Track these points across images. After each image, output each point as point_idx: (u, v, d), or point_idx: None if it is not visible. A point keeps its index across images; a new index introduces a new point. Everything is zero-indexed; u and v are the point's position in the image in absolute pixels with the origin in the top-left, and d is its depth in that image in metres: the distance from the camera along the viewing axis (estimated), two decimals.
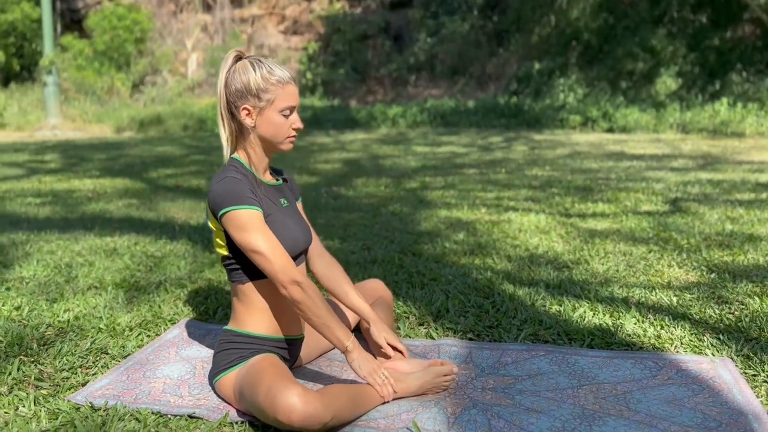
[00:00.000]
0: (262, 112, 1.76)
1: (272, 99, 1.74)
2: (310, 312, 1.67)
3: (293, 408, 1.50)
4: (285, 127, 1.78)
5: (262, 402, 1.57)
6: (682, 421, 1.64)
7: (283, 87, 1.75)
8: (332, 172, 6.88)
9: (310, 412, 1.50)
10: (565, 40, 17.43)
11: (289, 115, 1.78)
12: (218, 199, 1.70)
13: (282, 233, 1.78)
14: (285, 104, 1.76)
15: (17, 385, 1.91)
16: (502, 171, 6.63)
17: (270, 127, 1.77)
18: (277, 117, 1.76)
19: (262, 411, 1.57)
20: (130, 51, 20.14)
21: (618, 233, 3.67)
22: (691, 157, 7.63)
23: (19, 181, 6.54)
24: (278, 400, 1.52)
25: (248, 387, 1.65)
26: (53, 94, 15.67)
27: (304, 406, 1.51)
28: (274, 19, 24.25)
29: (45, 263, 3.24)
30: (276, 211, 1.81)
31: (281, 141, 1.79)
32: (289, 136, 1.79)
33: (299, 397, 1.52)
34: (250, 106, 1.75)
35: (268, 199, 1.81)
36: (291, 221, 1.85)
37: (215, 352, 1.84)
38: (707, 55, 15.15)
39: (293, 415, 1.50)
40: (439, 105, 15.36)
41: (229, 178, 1.72)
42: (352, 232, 3.87)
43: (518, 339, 2.21)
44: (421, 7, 20.76)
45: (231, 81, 1.77)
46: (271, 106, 1.75)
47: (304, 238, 1.88)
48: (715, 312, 2.38)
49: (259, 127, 1.78)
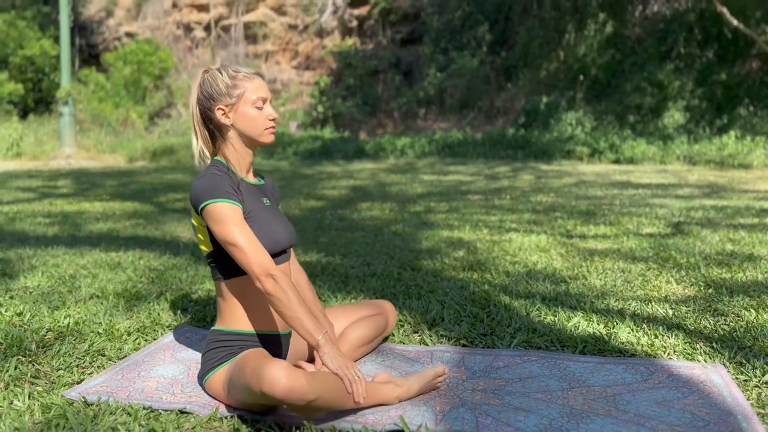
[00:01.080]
0: (236, 107, 1.84)
1: (242, 93, 1.83)
2: (282, 305, 1.70)
3: (278, 379, 1.52)
4: (261, 119, 1.85)
5: (249, 378, 1.59)
6: (670, 421, 1.64)
7: (250, 80, 1.85)
8: (338, 197, 6.94)
9: (293, 385, 1.52)
10: (573, 75, 17.61)
11: (262, 106, 1.85)
12: (199, 193, 1.76)
13: (264, 230, 1.83)
14: (255, 95, 1.84)
15: (13, 382, 1.94)
16: (507, 197, 6.66)
17: (246, 121, 1.84)
18: (250, 110, 1.84)
19: (249, 389, 1.59)
20: (147, 85, 20.58)
21: (618, 252, 3.68)
22: (697, 186, 7.63)
23: (30, 204, 6.64)
24: (264, 373, 1.54)
25: (236, 373, 1.68)
26: (69, 125, 15.96)
27: (288, 378, 1.53)
28: (287, 54, 24.73)
29: (49, 275, 3.28)
30: (258, 209, 1.86)
31: (260, 133, 1.86)
32: (266, 127, 1.86)
33: (284, 369, 1.54)
34: (223, 105, 1.84)
35: (250, 196, 1.86)
36: (273, 219, 1.89)
37: (203, 352, 1.87)
38: (714, 89, 15.24)
39: (277, 386, 1.52)
40: (447, 136, 15.49)
41: (209, 175, 1.79)
42: (353, 249, 3.91)
43: (511, 345, 2.21)
44: (431, 43, 21.11)
45: (202, 91, 1.86)
46: (243, 100, 1.84)
47: (286, 236, 1.92)
48: (709, 323, 2.38)
49: (236, 123, 1.85)
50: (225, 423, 1.67)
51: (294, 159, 15.20)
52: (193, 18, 25.10)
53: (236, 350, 1.81)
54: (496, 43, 20.31)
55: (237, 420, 1.67)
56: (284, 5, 24.55)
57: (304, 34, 24.33)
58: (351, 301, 2.77)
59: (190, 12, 25.20)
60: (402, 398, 1.79)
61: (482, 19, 20.41)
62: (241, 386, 1.64)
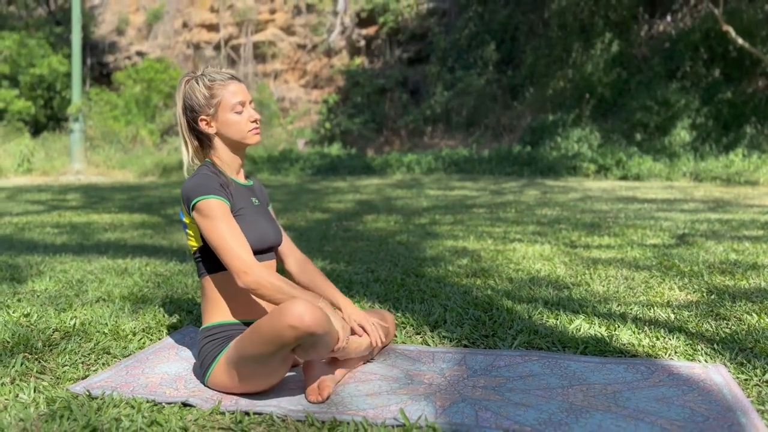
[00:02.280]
0: (216, 117, 1.90)
1: (219, 101, 1.89)
2: (270, 292, 1.75)
3: (304, 311, 1.59)
4: (243, 123, 1.90)
5: (267, 329, 1.64)
6: (669, 416, 1.65)
7: (225, 87, 1.90)
8: (344, 210, 6.98)
9: (319, 312, 1.61)
10: (579, 94, 17.68)
11: (242, 110, 1.90)
12: (190, 191, 1.83)
13: (252, 227, 1.89)
14: (234, 100, 1.89)
15: (19, 377, 1.96)
16: (512, 211, 6.68)
17: (229, 126, 1.90)
18: (231, 116, 1.89)
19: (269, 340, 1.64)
20: (157, 103, 20.81)
21: (621, 261, 3.69)
22: (703, 202, 7.63)
23: (39, 215, 6.71)
24: (285, 312, 1.60)
25: (244, 345, 1.72)
26: (79, 141, 16.13)
27: (313, 308, 1.61)
28: (296, 73, 24.98)
29: (57, 279, 3.32)
30: (247, 207, 1.93)
31: (244, 136, 1.91)
32: (249, 129, 1.91)
33: (305, 303, 1.61)
34: (205, 115, 1.90)
35: (239, 196, 1.93)
36: (261, 218, 1.96)
37: (197, 352, 1.91)
38: (721, 108, 15.26)
39: (306, 316, 1.58)
40: (453, 153, 15.55)
41: (200, 174, 1.86)
42: (357, 257, 3.93)
43: (512, 346, 2.23)
44: (437, 62, 21.29)
45: (185, 102, 1.92)
46: (222, 108, 1.89)
47: (273, 234, 1.98)
48: (711, 326, 2.39)
49: (220, 130, 1.91)
50: (227, 416, 1.69)
51: (301, 174, 15.29)
52: (203, 37, 25.44)
53: (227, 339, 1.86)
54: (503, 62, 20.46)
55: (239, 412, 1.69)
56: (293, 25, 24.86)
57: (312, 54, 24.59)
58: (355, 305, 2.79)
59: (200, 32, 25.55)
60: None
61: (489, 39, 20.58)
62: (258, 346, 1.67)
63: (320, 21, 24.00)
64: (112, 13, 26.16)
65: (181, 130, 1.94)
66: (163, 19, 25.61)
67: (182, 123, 1.93)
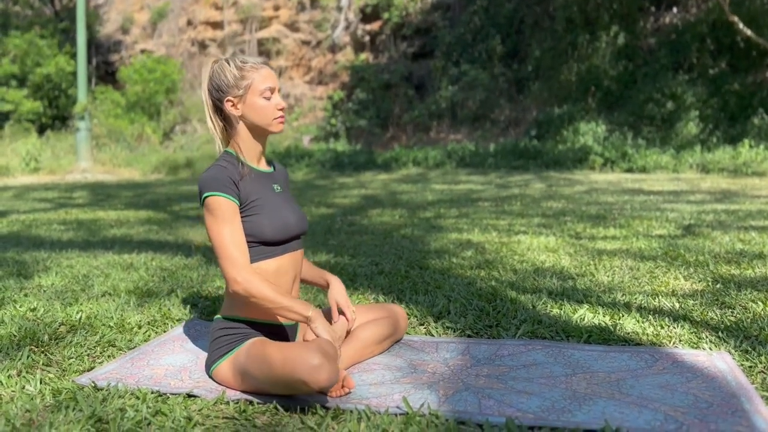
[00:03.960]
0: (244, 99, 1.86)
1: (250, 84, 1.85)
2: (263, 301, 1.75)
3: (320, 367, 1.59)
4: (269, 109, 1.87)
5: (279, 372, 1.63)
6: (673, 403, 1.64)
7: (257, 70, 1.87)
8: (349, 205, 6.99)
9: (335, 369, 1.61)
10: (585, 87, 17.61)
11: (270, 96, 1.87)
12: (202, 184, 1.81)
13: (272, 216, 1.86)
14: (263, 86, 1.86)
15: (26, 369, 1.98)
16: (517, 204, 6.66)
17: (255, 111, 1.86)
18: (259, 100, 1.86)
19: (280, 381, 1.64)
20: (161, 101, 20.83)
21: (626, 252, 3.68)
22: (709, 193, 7.59)
23: (46, 213, 6.75)
24: (300, 364, 1.59)
25: (256, 365, 1.71)
26: (85, 140, 16.21)
27: (329, 364, 1.60)
28: (300, 70, 24.98)
29: (63, 274, 3.34)
30: (266, 195, 1.89)
31: (269, 123, 1.88)
32: (275, 117, 1.88)
33: (323, 356, 1.60)
34: (232, 97, 1.86)
35: (259, 185, 1.90)
36: (283, 205, 1.92)
37: (210, 341, 1.90)
38: (728, 99, 15.18)
39: (321, 374, 1.58)
40: (459, 148, 15.53)
41: (216, 166, 1.84)
42: (362, 251, 3.94)
43: (516, 335, 2.23)
44: (442, 57, 21.25)
45: (212, 82, 1.89)
46: (251, 91, 1.85)
47: (296, 221, 1.94)
48: (716, 314, 2.38)
49: (245, 114, 1.87)
50: (231, 405, 1.70)
51: (307, 171, 15.31)
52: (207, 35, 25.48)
53: (242, 338, 1.84)
54: (508, 55, 20.40)
55: (243, 402, 1.70)
56: (297, 22, 24.86)
57: (317, 50, 24.59)
58: (359, 297, 2.80)
59: (204, 29, 25.59)
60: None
61: (494, 32, 20.52)
62: (270, 382, 1.67)
63: (324, 17, 23.99)
64: (117, 12, 26.23)
65: (207, 110, 1.91)
66: (167, 17, 25.65)
67: (207, 103, 1.90)
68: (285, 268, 1.91)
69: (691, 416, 1.55)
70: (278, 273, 1.89)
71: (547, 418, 1.56)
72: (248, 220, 1.84)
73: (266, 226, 1.84)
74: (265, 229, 1.84)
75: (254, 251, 1.86)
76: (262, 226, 1.84)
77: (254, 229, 1.84)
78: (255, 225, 1.84)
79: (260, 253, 1.86)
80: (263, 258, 1.87)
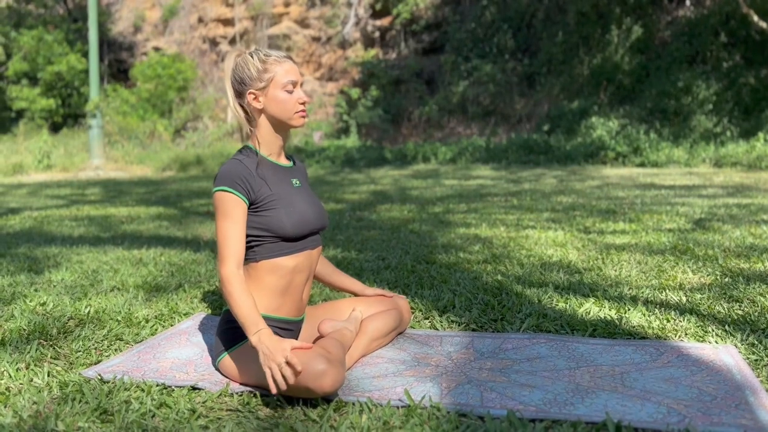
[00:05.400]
0: (266, 91, 1.86)
1: (272, 77, 1.85)
2: (230, 302, 1.74)
3: (324, 374, 1.59)
4: (291, 103, 1.86)
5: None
6: (676, 396, 1.64)
7: (280, 64, 1.86)
8: (359, 201, 7.00)
9: (339, 375, 1.62)
10: (597, 81, 17.49)
11: (292, 90, 1.87)
12: (218, 177, 1.82)
13: (290, 211, 1.85)
14: (285, 79, 1.86)
15: (34, 363, 2.01)
16: (527, 198, 6.64)
17: (276, 104, 1.86)
18: (281, 93, 1.86)
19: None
20: (173, 98, 20.93)
21: (635, 246, 3.66)
22: (722, 187, 7.52)
23: (58, 209, 6.82)
24: (305, 370, 1.59)
25: (260, 367, 1.72)
26: (97, 137, 16.33)
27: (334, 371, 1.61)
28: (311, 66, 24.99)
29: (73, 270, 3.38)
30: (285, 190, 1.89)
31: (291, 116, 1.87)
32: (297, 111, 1.87)
33: (327, 363, 1.60)
34: (255, 90, 1.86)
35: (277, 179, 1.89)
36: (302, 200, 1.91)
37: (217, 332, 1.91)
38: (742, 92, 15.00)
39: (325, 381, 1.59)
40: (470, 143, 15.49)
41: (233, 160, 1.84)
42: (369, 246, 3.94)
43: (520, 329, 2.22)
44: (453, 52, 21.17)
45: (235, 75, 1.89)
46: (273, 84, 1.85)
47: (314, 216, 1.92)
48: (723, 308, 2.36)
49: (267, 107, 1.87)
50: (235, 398, 1.71)
51: (317, 167, 15.34)
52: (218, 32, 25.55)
53: None
54: (519, 50, 20.29)
55: (247, 395, 1.71)
56: (307, 18, 24.86)
57: (327, 46, 24.58)
58: None
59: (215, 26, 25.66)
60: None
61: (505, 27, 20.41)
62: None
63: (334, 13, 23.97)
64: (129, 10, 26.38)
65: (230, 102, 1.91)
66: (178, 14, 25.76)
67: (230, 95, 1.90)
68: (301, 266, 1.91)
69: (694, 409, 1.55)
70: (294, 271, 1.89)
71: (548, 411, 1.56)
72: (266, 215, 1.83)
73: (285, 220, 1.83)
74: (284, 224, 1.83)
75: (273, 247, 1.85)
76: (281, 220, 1.83)
77: (273, 224, 1.83)
78: (273, 219, 1.83)
79: (279, 249, 1.86)
80: (281, 254, 1.86)
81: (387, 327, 2.10)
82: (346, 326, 1.96)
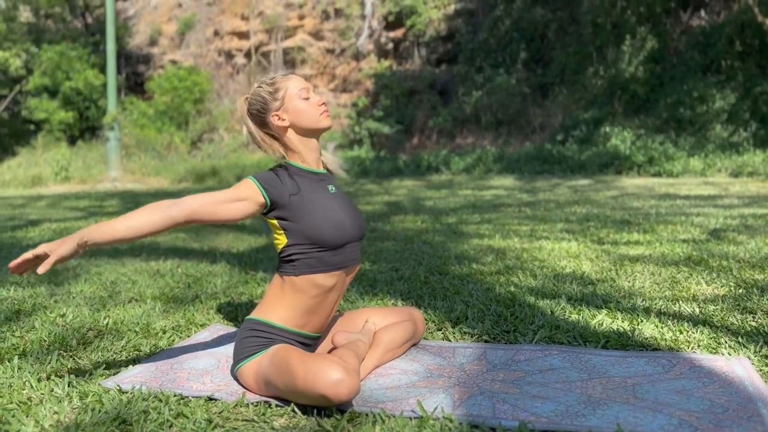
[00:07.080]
0: (286, 107, 1.91)
1: (285, 92, 1.91)
2: (133, 212, 1.79)
3: (340, 382, 1.60)
4: (312, 107, 1.91)
5: (301, 385, 1.65)
6: (688, 408, 1.64)
7: (287, 79, 1.93)
8: (372, 212, 7.03)
9: (355, 384, 1.62)
10: (612, 91, 17.45)
11: (308, 96, 1.92)
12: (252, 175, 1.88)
13: (326, 217, 1.87)
14: (298, 88, 1.92)
15: (54, 373, 2.05)
16: (541, 209, 6.64)
17: (299, 114, 1.91)
18: (299, 103, 1.91)
19: (301, 393, 1.66)
20: (189, 110, 21.17)
21: (649, 257, 3.65)
22: (738, 197, 7.47)
23: (77, 221, 6.92)
24: (321, 378, 1.61)
25: (278, 374, 1.74)
26: (115, 149, 16.57)
27: (350, 379, 1.61)
28: (325, 78, 25.17)
29: (92, 281, 3.44)
30: (320, 197, 1.90)
31: (317, 120, 1.92)
32: (320, 112, 1.92)
33: (344, 372, 1.62)
34: (275, 111, 1.92)
35: (312, 186, 1.92)
36: (338, 207, 1.92)
37: (237, 340, 1.94)
38: (758, 102, 14.89)
39: (341, 389, 1.60)
40: (484, 154, 15.50)
41: (270, 171, 1.91)
42: (382, 257, 3.97)
43: (533, 341, 2.23)
44: (466, 62, 21.23)
45: (251, 111, 1.95)
46: (288, 97, 1.91)
47: (351, 222, 1.93)
48: (737, 319, 2.36)
49: (292, 121, 1.92)
50: (251, 408, 1.74)
51: None
52: (234, 45, 25.83)
53: (268, 343, 1.87)
54: (532, 60, 20.31)
55: (262, 405, 1.74)
56: (321, 30, 25.07)
57: (341, 58, 24.76)
58: (378, 302, 2.83)
59: (231, 39, 25.95)
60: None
61: (518, 38, 20.46)
62: (291, 392, 1.69)
63: (348, 25, 24.15)
64: (146, 24, 26.76)
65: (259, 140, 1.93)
66: (194, 28, 26.09)
67: (258, 135, 1.93)
68: (338, 285, 1.94)
69: (706, 421, 1.55)
70: (331, 290, 1.91)
71: (560, 422, 1.58)
72: (304, 221, 1.85)
73: (323, 225, 1.84)
74: (322, 229, 1.84)
75: (313, 262, 1.86)
76: (318, 226, 1.84)
77: (311, 231, 1.84)
78: (311, 226, 1.84)
79: (319, 265, 1.87)
80: (321, 271, 1.87)
81: (401, 338, 2.12)
82: (360, 338, 1.99)
